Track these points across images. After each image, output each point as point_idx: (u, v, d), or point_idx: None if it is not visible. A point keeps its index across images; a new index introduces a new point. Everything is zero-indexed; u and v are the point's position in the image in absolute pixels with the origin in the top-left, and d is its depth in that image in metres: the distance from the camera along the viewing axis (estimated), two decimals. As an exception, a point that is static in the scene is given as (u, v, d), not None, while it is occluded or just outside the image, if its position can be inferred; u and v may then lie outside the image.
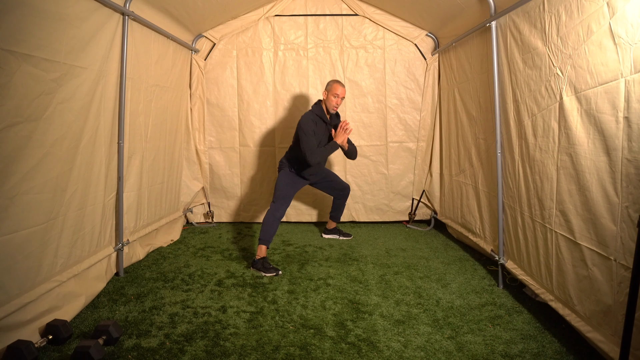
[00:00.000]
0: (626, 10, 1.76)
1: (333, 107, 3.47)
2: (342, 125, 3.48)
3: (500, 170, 2.96)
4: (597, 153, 1.95)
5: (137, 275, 3.07)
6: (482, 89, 3.29)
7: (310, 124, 3.36)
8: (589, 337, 2.02)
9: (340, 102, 3.49)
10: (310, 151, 3.31)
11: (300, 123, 3.37)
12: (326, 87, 3.49)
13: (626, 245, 1.79)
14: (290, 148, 3.64)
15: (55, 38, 2.17)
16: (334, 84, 3.45)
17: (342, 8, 4.43)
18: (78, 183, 2.49)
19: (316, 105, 3.51)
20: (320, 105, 3.51)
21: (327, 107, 3.50)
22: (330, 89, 3.44)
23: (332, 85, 3.45)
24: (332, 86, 3.44)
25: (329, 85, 3.48)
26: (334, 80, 3.49)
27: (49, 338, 2.08)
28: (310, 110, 3.50)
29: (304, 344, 2.19)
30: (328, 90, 3.46)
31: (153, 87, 3.45)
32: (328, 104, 3.48)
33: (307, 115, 3.43)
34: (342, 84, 3.49)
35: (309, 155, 3.30)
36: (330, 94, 3.43)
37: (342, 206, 4.11)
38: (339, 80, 3.50)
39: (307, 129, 3.33)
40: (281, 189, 3.43)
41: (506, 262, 2.91)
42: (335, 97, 3.43)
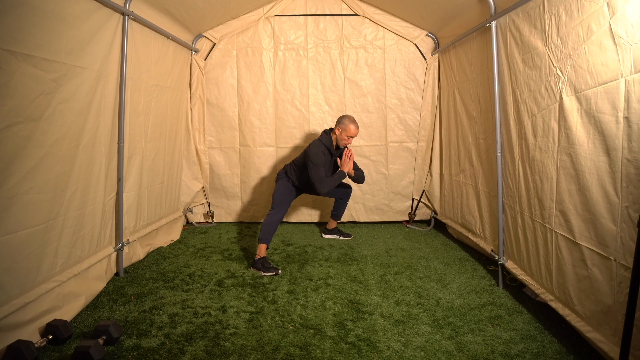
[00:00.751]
0: (626, 10, 1.76)
1: (343, 145, 3.54)
2: (346, 153, 3.54)
3: (500, 170, 2.96)
4: (597, 153, 1.95)
5: (137, 275, 3.07)
6: (482, 89, 3.29)
7: (320, 155, 3.41)
8: (589, 337, 2.02)
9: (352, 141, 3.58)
10: (320, 182, 3.37)
11: (309, 153, 3.42)
12: (340, 125, 3.48)
13: (626, 245, 1.79)
14: (292, 165, 3.67)
15: (55, 38, 2.18)
16: (350, 125, 3.46)
17: (342, 8, 4.43)
18: (78, 183, 2.49)
19: (326, 136, 3.55)
20: (329, 136, 3.55)
21: (337, 141, 3.54)
22: (346, 129, 3.45)
23: (348, 126, 3.45)
24: (348, 127, 3.45)
25: (344, 124, 3.46)
26: (350, 120, 3.48)
27: (49, 338, 2.08)
28: (319, 140, 3.52)
29: (304, 344, 2.19)
30: (342, 129, 3.47)
31: (153, 87, 3.45)
32: (339, 141, 3.53)
33: (316, 145, 3.47)
34: (357, 125, 3.51)
35: (320, 186, 3.36)
36: (345, 133, 3.47)
37: (343, 205, 4.13)
38: (355, 121, 3.50)
39: (316, 161, 3.38)
40: (279, 196, 3.52)
41: (506, 262, 2.91)
42: (348, 138, 3.49)
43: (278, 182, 3.65)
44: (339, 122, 3.52)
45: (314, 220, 4.71)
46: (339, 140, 3.53)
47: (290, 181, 3.64)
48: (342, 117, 3.52)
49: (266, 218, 3.37)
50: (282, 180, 3.64)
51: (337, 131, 3.51)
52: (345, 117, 3.52)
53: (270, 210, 3.46)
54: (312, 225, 4.64)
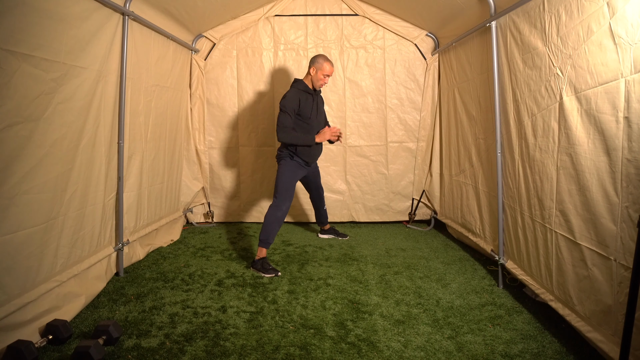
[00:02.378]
0: (626, 10, 1.76)
1: (320, 86, 3.41)
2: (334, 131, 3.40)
3: (500, 170, 2.96)
4: (597, 153, 1.95)
5: (137, 275, 3.07)
6: (482, 89, 3.29)
7: (294, 101, 3.25)
8: (589, 337, 2.02)
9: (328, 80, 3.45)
10: (283, 128, 3.20)
11: (281, 100, 3.26)
12: (314, 64, 3.34)
13: (626, 245, 1.79)
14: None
15: (55, 38, 2.17)
16: (325, 62, 3.33)
17: (342, 8, 4.43)
18: (78, 183, 2.49)
19: (299, 82, 3.39)
20: (303, 82, 3.39)
21: (313, 83, 3.40)
22: (321, 68, 3.32)
23: (323, 64, 3.32)
24: (322, 65, 3.32)
25: (319, 63, 3.33)
26: (323, 58, 3.35)
27: (49, 338, 2.08)
28: (294, 87, 3.36)
29: (304, 344, 2.19)
30: (318, 68, 3.32)
31: (153, 87, 3.44)
32: (315, 82, 3.38)
33: (290, 92, 3.31)
34: (332, 62, 3.39)
35: (280, 132, 3.20)
36: (321, 72, 3.33)
37: (321, 210, 4.05)
38: (328, 58, 3.37)
39: (288, 107, 3.22)
40: (283, 181, 3.31)
41: (506, 262, 2.91)
42: (324, 77, 3.36)
43: (280, 164, 3.39)
44: (312, 62, 3.35)
45: (314, 220, 4.70)
46: (315, 82, 3.36)
47: (296, 159, 3.38)
48: (314, 57, 3.37)
49: (268, 214, 3.22)
50: (285, 160, 3.38)
51: (312, 71, 3.34)
52: (318, 56, 3.37)
53: (274, 199, 3.27)
54: (312, 225, 4.64)
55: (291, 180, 3.36)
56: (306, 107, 3.35)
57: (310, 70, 3.39)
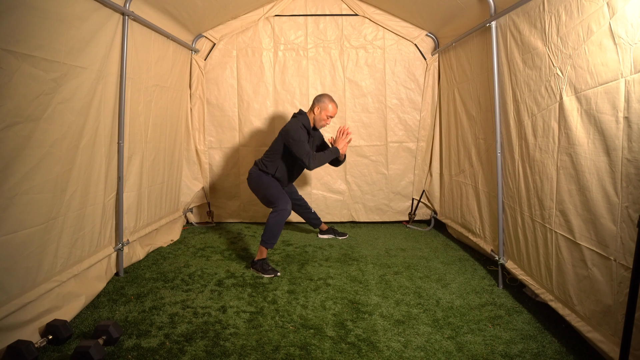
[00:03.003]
0: (626, 10, 1.76)
1: (322, 126, 3.39)
2: (343, 130, 3.36)
3: (500, 170, 2.96)
4: (597, 153, 1.95)
5: (137, 275, 3.07)
6: (482, 89, 3.29)
7: (301, 131, 3.22)
8: (589, 337, 2.02)
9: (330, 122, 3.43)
10: (308, 156, 3.14)
11: (289, 131, 3.20)
12: (319, 104, 3.33)
13: (626, 245, 1.79)
14: (269, 155, 3.41)
15: (55, 38, 2.17)
16: (330, 103, 3.32)
17: (342, 8, 4.43)
18: (78, 183, 2.49)
19: (302, 116, 3.36)
20: (306, 116, 3.38)
21: (315, 121, 3.38)
22: (326, 108, 3.31)
23: (328, 105, 3.31)
24: (327, 106, 3.31)
25: (324, 103, 3.31)
26: (329, 99, 3.34)
27: (49, 338, 2.08)
28: (296, 119, 3.35)
29: (304, 344, 2.19)
30: (322, 108, 3.31)
31: (153, 87, 3.45)
32: (318, 121, 3.36)
33: (294, 123, 3.28)
34: (336, 103, 3.38)
35: (310, 161, 3.14)
36: (325, 113, 3.32)
37: (308, 214, 4.03)
38: (334, 100, 3.37)
39: (299, 136, 3.17)
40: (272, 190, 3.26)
41: (506, 262, 2.91)
42: (328, 118, 3.35)
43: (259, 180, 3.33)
44: (317, 101, 3.33)
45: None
46: (317, 121, 3.35)
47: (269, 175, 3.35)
48: (320, 96, 3.36)
49: (272, 216, 3.13)
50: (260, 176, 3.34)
51: (317, 110, 3.33)
52: (324, 95, 3.36)
53: (274, 208, 3.17)
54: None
55: (278, 187, 3.33)
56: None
57: (314, 109, 3.36)
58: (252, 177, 3.43)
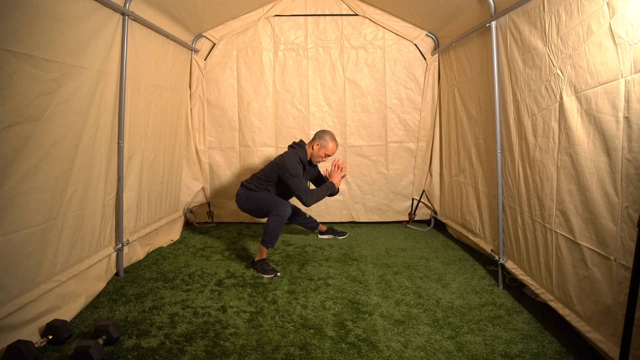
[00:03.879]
0: (626, 10, 1.76)
1: (318, 162, 3.37)
2: (337, 164, 3.32)
3: (500, 170, 2.96)
4: (597, 153, 1.95)
5: (137, 275, 3.07)
6: (482, 89, 3.29)
7: (297, 166, 3.19)
8: (589, 337, 2.02)
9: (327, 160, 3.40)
10: (306, 193, 3.14)
11: (286, 166, 3.17)
12: (320, 140, 3.28)
13: (626, 245, 1.79)
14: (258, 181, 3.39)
15: (55, 38, 2.17)
16: (330, 142, 3.26)
17: (342, 8, 4.43)
18: (78, 183, 2.49)
19: (300, 149, 3.31)
20: (304, 150, 3.33)
21: (312, 156, 3.35)
22: (326, 147, 3.26)
23: (328, 143, 3.26)
24: (328, 145, 3.26)
25: (325, 140, 3.26)
26: (330, 137, 3.28)
27: (49, 338, 2.08)
28: (294, 151, 3.30)
29: (304, 344, 2.19)
30: (322, 145, 3.26)
31: (153, 87, 3.44)
32: (315, 157, 3.32)
33: (291, 156, 3.23)
34: (337, 143, 3.34)
35: (307, 198, 3.14)
36: (323, 150, 3.27)
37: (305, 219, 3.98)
38: (335, 139, 3.33)
39: (296, 172, 3.15)
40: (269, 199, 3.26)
41: (506, 262, 2.91)
42: (325, 156, 3.32)
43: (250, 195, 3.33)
44: (319, 137, 3.29)
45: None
46: (314, 157, 3.31)
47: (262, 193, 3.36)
48: (322, 132, 3.31)
49: (271, 218, 3.14)
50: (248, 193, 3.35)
51: (315, 146, 3.29)
52: (326, 133, 3.30)
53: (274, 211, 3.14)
54: (312, 225, 4.64)
55: (271, 196, 3.33)
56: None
57: (313, 145, 3.32)
58: (240, 197, 3.40)
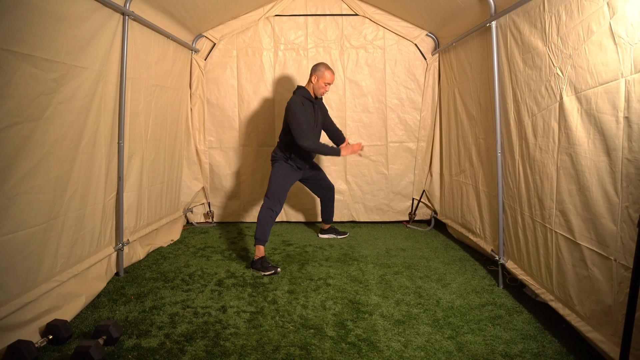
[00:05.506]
0: (626, 10, 1.76)
1: (322, 93, 3.44)
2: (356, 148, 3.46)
3: (500, 170, 2.96)
4: (597, 153, 1.95)
5: (137, 275, 3.07)
6: (482, 89, 3.29)
7: (300, 107, 3.28)
8: (589, 337, 2.02)
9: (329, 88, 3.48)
10: (303, 134, 3.22)
11: (289, 107, 3.28)
12: (316, 72, 3.38)
13: (626, 245, 1.79)
14: (281, 136, 3.53)
15: (55, 38, 2.18)
16: (326, 71, 3.36)
17: (342, 8, 4.43)
18: (78, 183, 2.49)
19: (301, 90, 3.42)
20: (305, 89, 3.43)
21: (314, 91, 3.43)
22: (323, 76, 3.35)
23: (324, 72, 3.35)
24: (324, 73, 3.35)
25: (319, 71, 3.36)
26: (325, 66, 3.38)
27: (49, 338, 2.08)
28: (296, 94, 3.40)
29: (304, 344, 2.19)
30: (319, 76, 3.36)
31: (153, 87, 3.45)
32: (317, 90, 3.41)
33: (294, 99, 3.33)
34: (333, 70, 3.42)
35: (302, 139, 3.23)
36: (322, 80, 3.36)
37: (331, 208, 4.08)
38: (329, 66, 3.41)
39: (297, 113, 3.24)
40: (276, 182, 3.36)
41: (506, 262, 2.91)
42: (326, 85, 3.39)
43: (275, 165, 3.46)
44: (314, 70, 3.39)
45: (313, 220, 4.71)
46: (316, 90, 3.40)
47: (290, 162, 3.46)
48: (316, 65, 3.41)
49: (261, 212, 3.26)
50: (279, 163, 3.45)
51: (314, 79, 3.38)
52: (320, 64, 3.41)
53: (265, 199, 3.32)
54: (312, 225, 4.65)
55: (284, 183, 3.40)
56: (308, 117, 3.37)
57: (311, 78, 3.41)
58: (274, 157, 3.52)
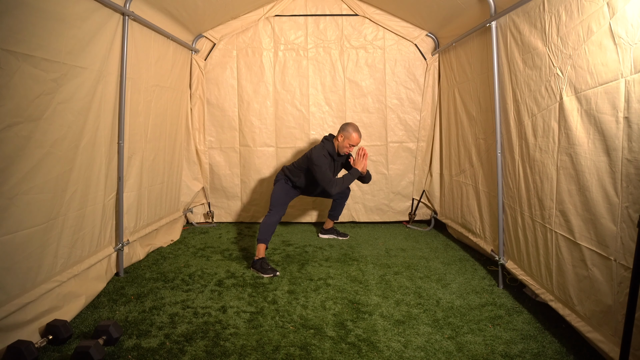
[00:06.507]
0: (626, 10, 1.76)
1: (345, 152, 3.58)
2: (360, 152, 3.58)
3: (500, 170, 2.96)
4: (597, 153, 1.95)
5: (137, 276, 3.07)
6: (482, 89, 3.29)
7: (323, 159, 3.45)
8: (589, 337, 2.02)
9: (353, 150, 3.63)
10: (330, 183, 3.40)
11: (313, 158, 3.43)
12: (344, 132, 3.51)
13: (626, 245, 1.79)
14: (294, 168, 3.68)
15: (55, 38, 2.17)
16: (353, 133, 3.50)
17: (342, 8, 4.43)
18: (78, 183, 2.49)
19: (328, 142, 3.59)
20: (332, 142, 3.60)
21: (338, 148, 3.57)
22: (349, 137, 3.49)
23: (352, 134, 3.49)
24: (351, 136, 3.49)
25: (348, 132, 3.49)
26: (353, 128, 3.51)
27: (49, 338, 2.08)
28: (322, 145, 3.57)
29: (304, 344, 2.19)
30: (346, 137, 3.50)
31: (153, 87, 3.45)
32: (341, 148, 3.56)
33: (318, 150, 3.50)
34: (360, 133, 3.55)
35: (331, 188, 3.40)
36: (347, 141, 3.51)
37: (341, 205, 4.13)
38: (358, 129, 3.54)
39: (322, 164, 3.41)
40: (277, 198, 3.53)
41: (506, 262, 2.91)
42: (350, 146, 3.53)
43: (276, 184, 3.67)
44: (342, 130, 3.55)
45: (313, 220, 4.71)
46: (340, 148, 3.57)
47: (289, 183, 3.66)
48: (346, 125, 3.56)
49: (264, 219, 3.38)
50: (280, 182, 3.66)
51: (340, 138, 3.54)
52: (349, 125, 3.55)
53: (268, 211, 3.46)
54: (312, 225, 4.64)
55: (284, 199, 3.58)
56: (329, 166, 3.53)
57: (338, 137, 3.57)
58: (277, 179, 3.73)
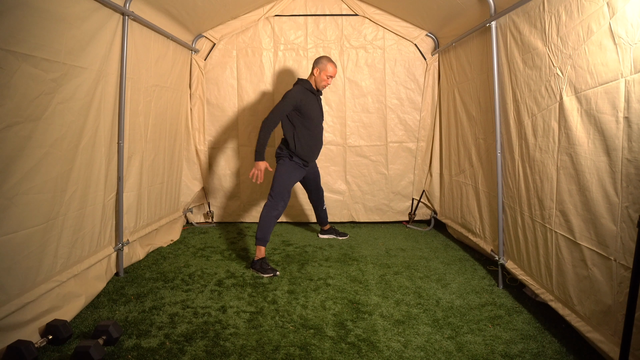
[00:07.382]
0: (626, 10, 1.76)
1: (323, 86, 3.46)
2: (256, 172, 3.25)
3: (500, 170, 2.96)
4: (597, 153, 1.95)
5: (137, 275, 3.07)
6: (482, 89, 3.29)
7: (297, 97, 3.28)
8: (589, 337, 2.02)
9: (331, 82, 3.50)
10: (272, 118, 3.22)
11: (285, 94, 3.30)
12: (318, 65, 3.39)
13: (626, 245, 1.79)
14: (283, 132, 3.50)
15: (55, 38, 2.17)
16: (328, 63, 3.38)
17: (342, 8, 4.43)
18: (78, 183, 2.49)
19: (304, 81, 3.43)
20: (307, 81, 3.44)
21: (316, 84, 3.45)
22: (325, 69, 3.37)
23: (326, 65, 3.37)
24: (326, 66, 3.37)
25: (322, 64, 3.38)
26: (327, 59, 3.40)
27: (49, 338, 2.08)
28: (300, 85, 3.40)
29: (304, 344, 2.19)
30: (321, 69, 3.38)
31: (153, 87, 3.44)
32: (318, 83, 3.43)
33: (294, 89, 3.35)
34: (335, 64, 3.44)
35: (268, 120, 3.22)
36: (324, 73, 3.38)
37: (321, 211, 4.05)
38: (332, 59, 3.43)
39: (289, 100, 3.25)
40: (280, 180, 3.34)
41: (506, 262, 2.91)
42: (328, 78, 3.41)
43: (279, 163, 3.43)
44: (316, 63, 3.41)
45: (313, 220, 4.70)
46: (318, 82, 3.42)
47: (294, 159, 3.41)
48: (318, 58, 3.44)
49: (265, 211, 3.25)
50: (283, 160, 3.42)
51: (316, 72, 3.40)
52: (322, 57, 3.44)
53: (269, 198, 3.29)
54: (312, 225, 4.64)
55: (289, 182, 3.38)
56: (311, 107, 3.39)
57: (313, 71, 3.43)
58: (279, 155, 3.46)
